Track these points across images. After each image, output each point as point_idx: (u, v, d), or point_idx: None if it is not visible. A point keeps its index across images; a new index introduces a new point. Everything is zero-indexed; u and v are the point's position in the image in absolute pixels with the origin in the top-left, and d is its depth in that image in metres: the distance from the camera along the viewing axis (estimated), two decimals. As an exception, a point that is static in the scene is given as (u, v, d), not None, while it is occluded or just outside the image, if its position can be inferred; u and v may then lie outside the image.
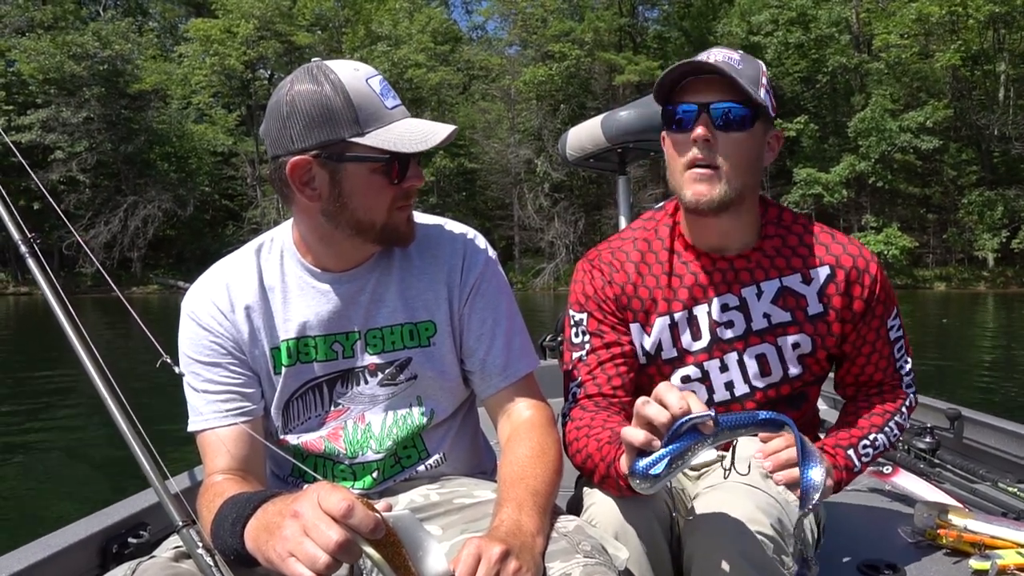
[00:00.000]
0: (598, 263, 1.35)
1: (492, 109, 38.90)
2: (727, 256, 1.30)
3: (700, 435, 0.92)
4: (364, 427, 1.20)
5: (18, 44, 32.57)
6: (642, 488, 0.92)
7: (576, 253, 34.73)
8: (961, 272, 32.13)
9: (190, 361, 1.17)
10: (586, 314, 1.33)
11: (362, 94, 1.08)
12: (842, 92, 35.03)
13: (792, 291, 1.30)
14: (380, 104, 1.09)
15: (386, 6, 38.33)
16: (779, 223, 1.33)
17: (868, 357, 1.36)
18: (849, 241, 1.34)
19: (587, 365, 1.30)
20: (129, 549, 1.45)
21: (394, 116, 1.10)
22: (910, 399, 1.39)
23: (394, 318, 1.20)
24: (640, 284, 1.32)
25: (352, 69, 1.09)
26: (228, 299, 1.18)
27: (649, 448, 0.92)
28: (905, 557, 1.59)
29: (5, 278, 32.16)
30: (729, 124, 1.19)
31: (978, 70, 33.83)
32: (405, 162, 1.11)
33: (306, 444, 1.20)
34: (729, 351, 1.31)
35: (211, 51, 36.43)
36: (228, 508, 0.96)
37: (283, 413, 1.20)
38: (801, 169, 31.77)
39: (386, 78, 1.14)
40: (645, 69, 34.17)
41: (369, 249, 1.19)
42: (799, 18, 33.05)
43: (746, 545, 1.05)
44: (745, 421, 0.96)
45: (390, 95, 1.11)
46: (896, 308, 1.36)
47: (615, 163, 2.63)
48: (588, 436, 1.20)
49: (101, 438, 5.75)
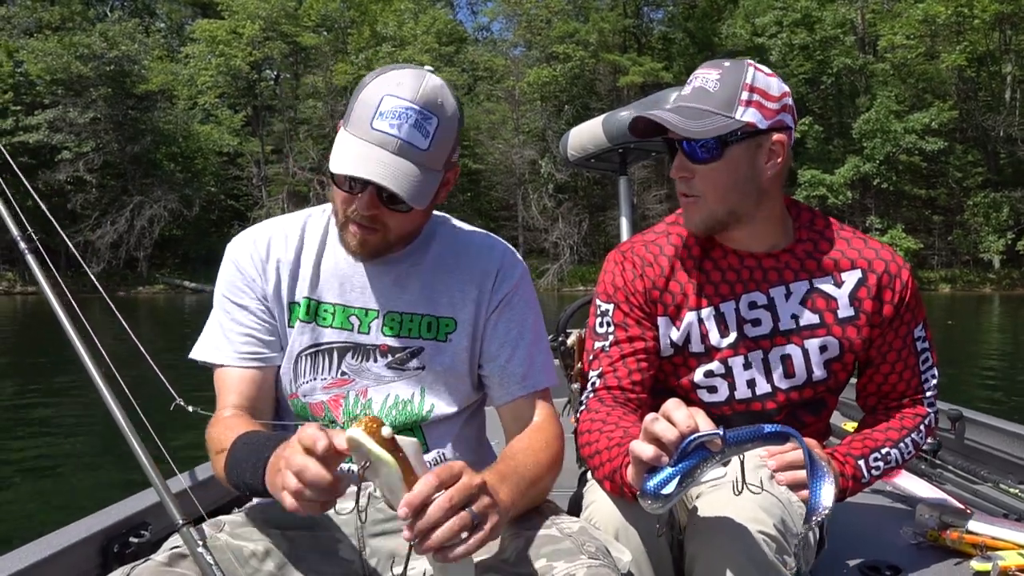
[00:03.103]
0: (631, 255, 1.35)
1: (496, 110, 38.92)
2: (756, 255, 1.30)
3: (708, 452, 0.92)
4: (365, 402, 1.22)
5: (26, 45, 32.70)
6: (653, 508, 0.92)
7: (580, 254, 34.76)
8: (967, 274, 32.04)
9: (222, 298, 1.24)
10: (613, 305, 1.33)
11: (366, 102, 1.09)
12: (847, 93, 34.96)
13: (822, 293, 1.29)
14: (369, 119, 1.08)
15: (391, 7, 38.42)
16: (811, 227, 1.33)
17: (893, 365, 1.34)
18: (882, 247, 1.34)
19: (609, 357, 1.31)
20: (130, 549, 1.45)
21: (368, 136, 1.07)
22: (930, 418, 1.37)
23: (416, 307, 1.22)
24: (672, 278, 1.32)
25: (396, 80, 1.09)
26: (267, 249, 1.24)
27: (657, 464, 0.92)
28: (906, 558, 1.59)
29: (12, 278, 32.29)
30: (701, 158, 1.21)
31: (984, 71, 33.73)
32: (358, 183, 1.09)
33: (310, 405, 1.24)
34: (755, 349, 1.30)
35: (217, 52, 36.54)
36: (243, 449, 1.03)
37: (293, 368, 1.23)
38: (806, 170, 31.73)
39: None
40: (649, 70, 34.16)
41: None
42: (803, 19, 33.01)
43: (749, 545, 1.05)
44: (751, 436, 0.96)
45: (389, 120, 1.07)
46: (924, 320, 1.35)
47: (616, 164, 2.62)
48: (601, 431, 1.20)
49: (102, 437, 5.77)
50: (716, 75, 1.21)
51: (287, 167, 37.02)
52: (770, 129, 1.22)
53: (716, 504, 1.11)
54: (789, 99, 1.25)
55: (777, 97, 1.22)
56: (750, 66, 1.22)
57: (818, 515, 0.98)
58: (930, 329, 1.37)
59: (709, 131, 1.17)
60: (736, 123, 1.18)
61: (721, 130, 1.17)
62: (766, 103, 1.21)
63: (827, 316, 1.29)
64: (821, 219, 1.35)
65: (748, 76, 1.20)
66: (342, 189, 1.13)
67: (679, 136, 1.21)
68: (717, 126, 1.18)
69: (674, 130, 1.17)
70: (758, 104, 1.20)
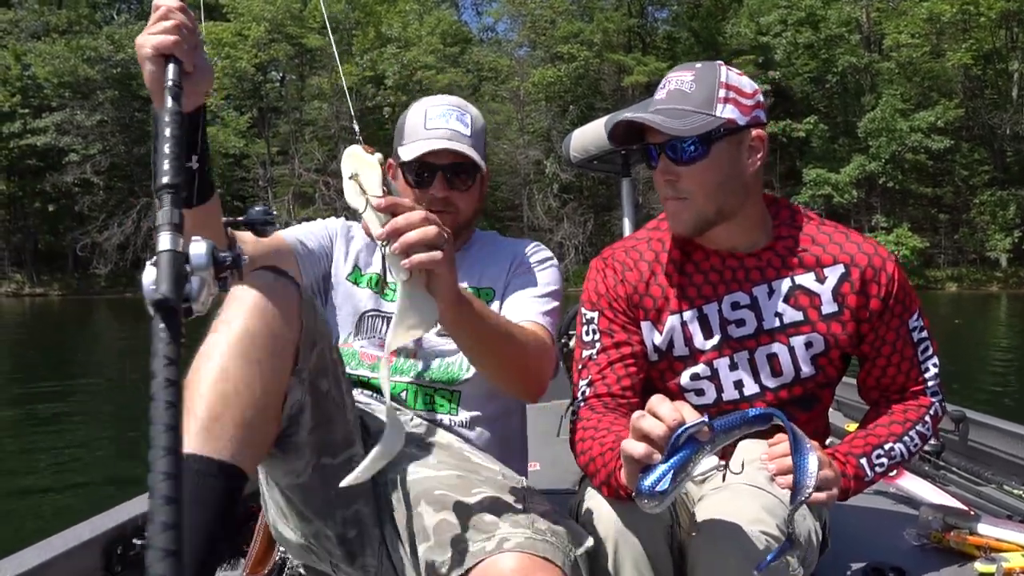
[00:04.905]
0: (611, 262, 1.37)
1: (501, 110, 38.87)
2: (737, 254, 1.30)
3: (698, 443, 0.92)
4: (414, 359, 1.38)
5: (34, 48, 32.88)
6: (651, 507, 0.93)
7: (585, 254, 34.68)
8: (973, 272, 31.85)
9: (303, 224, 1.48)
10: (597, 312, 1.34)
11: (413, 119, 1.41)
12: (852, 92, 34.79)
13: (805, 289, 1.29)
14: (421, 127, 1.38)
15: (396, 8, 38.42)
16: (792, 223, 1.33)
17: (889, 358, 1.34)
18: (864, 240, 1.33)
19: (597, 364, 1.31)
20: (134, 551, 1.46)
21: (426, 135, 1.37)
22: (935, 407, 1.36)
23: (465, 281, 1.39)
24: (653, 282, 1.33)
25: (428, 100, 1.44)
26: (344, 220, 1.53)
27: (649, 461, 0.92)
28: (910, 560, 1.59)
29: (21, 280, 32.47)
30: (685, 159, 1.21)
31: (991, 69, 33.53)
32: (429, 172, 1.37)
33: (361, 353, 1.41)
34: (740, 349, 1.30)
35: (223, 54, 36.60)
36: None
37: (356, 324, 1.42)
38: (811, 169, 31.60)
39: (456, 105, 1.43)
40: (654, 70, 34.04)
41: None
42: (808, 18, 32.87)
43: (751, 547, 1.05)
44: (737, 422, 0.97)
45: (438, 120, 1.38)
46: (919, 310, 1.34)
47: (619, 165, 2.63)
48: (593, 439, 1.21)
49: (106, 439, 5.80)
50: (691, 76, 1.22)
51: (293, 168, 37.07)
52: (748, 125, 1.23)
53: (717, 506, 1.11)
54: (761, 96, 1.27)
55: (751, 94, 1.24)
56: (721, 66, 1.24)
57: (803, 493, 0.98)
58: (927, 318, 1.36)
59: (695, 129, 1.18)
60: (718, 120, 1.19)
61: (705, 127, 1.18)
62: (742, 100, 1.22)
63: (811, 313, 1.29)
64: (801, 215, 1.35)
65: (722, 75, 1.22)
66: (414, 184, 1.38)
67: (662, 139, 1.21)
68: (701, 123, 1.19)
69: (661, 129, 1.18)
70: (735, 101, 1.22)
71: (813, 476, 0.99)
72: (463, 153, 1.35)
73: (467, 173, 1.40)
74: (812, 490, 1.00)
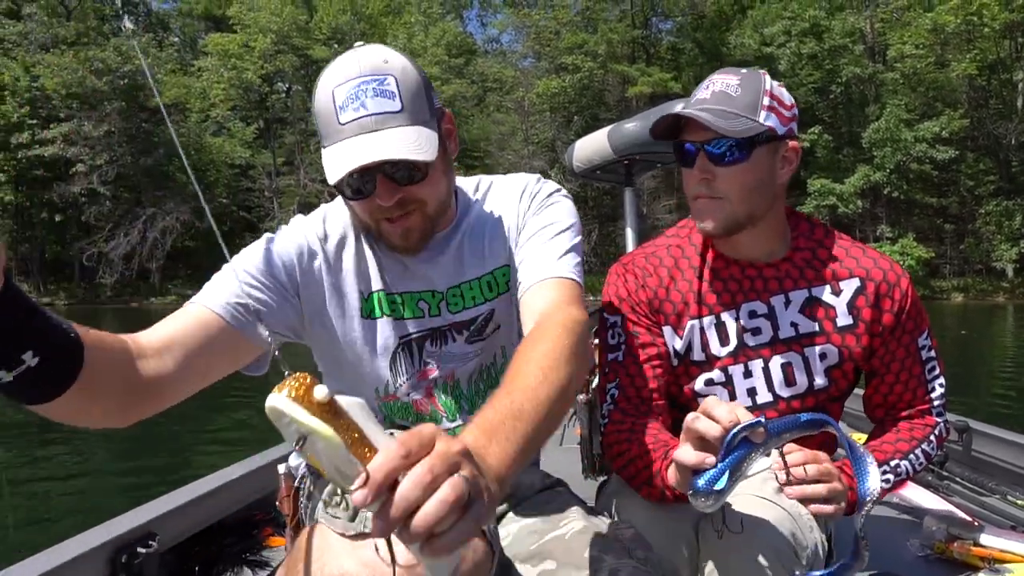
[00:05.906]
0: (632, 267, 1.38)
1: (506, 121, 39.04)
2: (756, 264, 1.32)
3: (752, 444, 0.93)
4: (452, 384, 1.21)
5: (42, 60, 33.19)
6: (706, 506, 0.94)
7: (590, 264, 34.69)
8: (979, 283, 31.75)
9: (241, 263, 1.11)
10: (620, 316, 1.35)
11: (323, 108, 1.06)
12: (856, 102, 34.86)
13: (821, 301, 1.31)
14: (334, 119, 1.04)
15: (402, 20, 38.75)
16: (810, 236, 1.35)
17: (897, 375, 1.34)
18: (880, 255, 1.35)
19: (623, 367, 1.32)
20: (138, 559, 1.46)
21: (343, 133, 1.03)
22: (940, 428, 1.37)
23: (471, 273, 1.20)
24: (672, 288, 1.34)
25: (334, 72, 1.06)
26: (323, 229, 1.18)
27: (703, 467, 0.94)
28: (914, 570, 1.58)
29: (28, 289, 32.50)
30: (726, 160, 1.23)
31: (995, 79, 33.55)
32: (365, 178, 1.05)
33: (416, 404, 1.20)
34: (755, 357, 1.31)
35: (229, 65, 36.93)
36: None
37: (391, 365, 1.18)
38: (815, 180, 31.60)
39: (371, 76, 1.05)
40: (658, 80, 34.20)
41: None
42: (812, 29, 33.00)
43: (760, 557, 1.06)
44: (790, 425, 0.98)
45: (351, 105, 1.03)
46: (928, 328, 1.36)
47: (622, 175, 2.64)
48: (630, 441, 1.22)
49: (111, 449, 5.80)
50: (736, 80, 1.24)
51: (298, 179, 37.28)
52: (785, 136, 1.26)
53: (729, 517, 1.11)
54: (796, 110, 1.29)
55: (789, 107, 1.26)
56: (765, 75, 1.27)
57: (869, 502, 0.99)
58: (935, 338, 1.37)
59: (742, 132, 1.20)
60: (761, 126, 1.22)
61: (750, 131, 1.20)
62: (782, 110, 1.25)
63: (826, 324, 1.30)
64: (820, 228, 1.37)
65: (766, 83, 1.25)
66: (354, 197, 1.08)
67: (703, 137, 1.23)
68: (746, 127, 1.21)
69: (711, 126, 1.19)
70: (776, 111, 1.24)
71: (876, 488, 1.00)
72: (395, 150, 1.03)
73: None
74: (875, 499, 1.01)
